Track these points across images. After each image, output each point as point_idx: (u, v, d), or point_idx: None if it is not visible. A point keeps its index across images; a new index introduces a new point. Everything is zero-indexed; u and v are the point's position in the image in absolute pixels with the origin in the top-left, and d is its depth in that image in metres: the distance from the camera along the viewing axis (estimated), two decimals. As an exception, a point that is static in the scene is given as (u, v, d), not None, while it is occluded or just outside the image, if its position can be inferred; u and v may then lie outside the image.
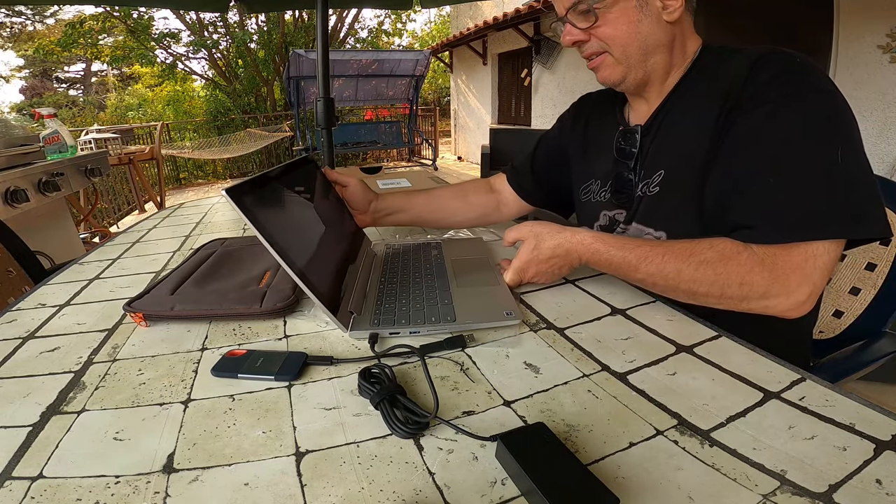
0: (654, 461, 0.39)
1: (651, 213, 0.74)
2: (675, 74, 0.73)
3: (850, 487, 0.35)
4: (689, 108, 0.70)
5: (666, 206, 0.72)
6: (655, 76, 0.72)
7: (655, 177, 0.72)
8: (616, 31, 0.68)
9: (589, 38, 0.70)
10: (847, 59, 2.79)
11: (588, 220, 0.87)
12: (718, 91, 0.65)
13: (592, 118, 0.89)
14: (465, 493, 0.36)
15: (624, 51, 0.69)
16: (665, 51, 0.70)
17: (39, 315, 0.71)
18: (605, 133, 0.83)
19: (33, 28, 13.87)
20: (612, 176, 0.80)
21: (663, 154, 0.72)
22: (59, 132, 2.08)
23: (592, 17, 0.68)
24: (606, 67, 0.72)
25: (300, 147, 6.55)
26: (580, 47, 0.73)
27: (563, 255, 0.68)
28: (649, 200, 0.74)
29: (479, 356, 0.55)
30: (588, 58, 0.73)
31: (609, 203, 0.81)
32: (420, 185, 1.27)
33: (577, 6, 0.69)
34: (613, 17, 0.67)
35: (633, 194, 0.77)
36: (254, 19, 9.58)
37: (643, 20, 0.67)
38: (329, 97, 2.03)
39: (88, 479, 0.39)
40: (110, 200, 4.78)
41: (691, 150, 0.67)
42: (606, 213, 0.82)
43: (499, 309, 0.63)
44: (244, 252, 0.87)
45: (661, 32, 0.69)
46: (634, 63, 0.70)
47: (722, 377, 0.49)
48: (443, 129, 10.06)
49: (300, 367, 0.52)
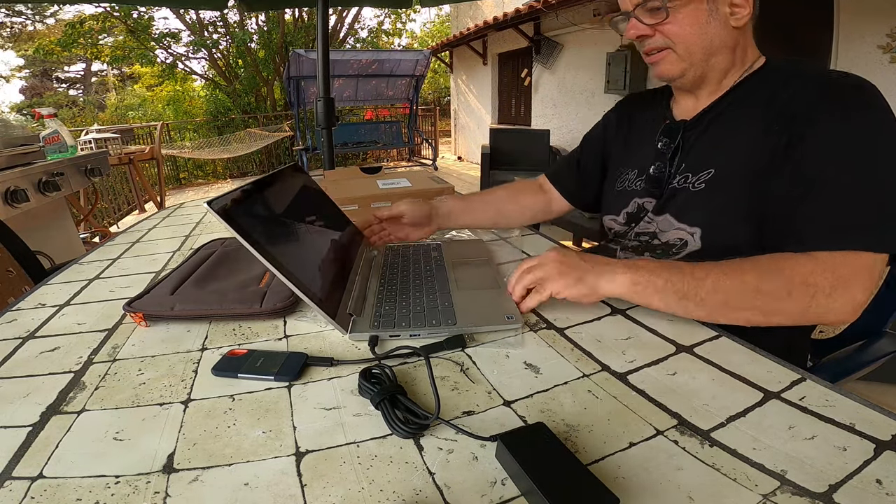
0: (654, 461, 0.39)
1: (689, 208, 0.74)
2: (730, 77, 0.74)
3: (850, 487, 0.35)
4: (749, 116, 0.70)
5: (710, 204, 0.71)
6: (713, 76, 0.74)
7: (703, 174, 0.72)
8: (683, 29, 0.69)
9: (654, 34, 0.71)
10: (847, 59, 2.79)
11: (616, 208, 0.88)
12: (785, 105, 0.65)
13: (637, 113, 0.91)
14: (465, 493, 0.36)
15: (688, 49, 0.71)
16: (727, 53, 0.72)
17: (39, 315, 0.71)
18: (649, 125, 0.85)
19: (33, 28, 13.87)
20: (649, 166, 0.81)
21: (714, 154, 0.73)
22: (59, 132, 2.08)
23: (663, 13, 0.69)
24: (667, 63, 0.73)
25: (300, 147, 6.54)
26: (642, 41, 0.74)
27: (592, 264, 0.61)
28: (690, 196, 0.73)
29: (478, 356, 0.55)
30: (648, 52, 0.74)
31: (642, 191, 0.82)
32: (420, 185, 1.27)
33: (647, 2, 0.69)
34: (682, 16, 0.68)
35: (666, 185, 0.78)
36: (254, 19, 9.59)
37: (711, 22, 0.69)
38: (329, 97, 2.03)
39: (88, 479, 0.39)
40: (110, 200, 4.78)
41: (748, 154, 0.68)
42: (637, 201, 0.83)
43: (499, 312, 0.63)
44: (244, 252, 0.86)
45: (727, 35, 0.70)
46: (696, 62, 0.72)
47: (722, 377, 0.49)
48: (443, 128, 10.06)
49: (300, 368, 0.52)
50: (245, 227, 0.55)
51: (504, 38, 6.33)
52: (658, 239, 0.79)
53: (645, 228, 0.81)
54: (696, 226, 0.73)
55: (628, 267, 0.59)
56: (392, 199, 1.20)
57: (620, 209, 0.87)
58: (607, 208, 0.92)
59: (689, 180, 0.74)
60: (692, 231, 0.73)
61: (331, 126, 2.07)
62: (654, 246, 0.79)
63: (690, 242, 0.74)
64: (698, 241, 0.73)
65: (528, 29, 5.56)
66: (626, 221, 0.86)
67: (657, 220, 0.78)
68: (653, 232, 0.80)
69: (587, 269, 0.60)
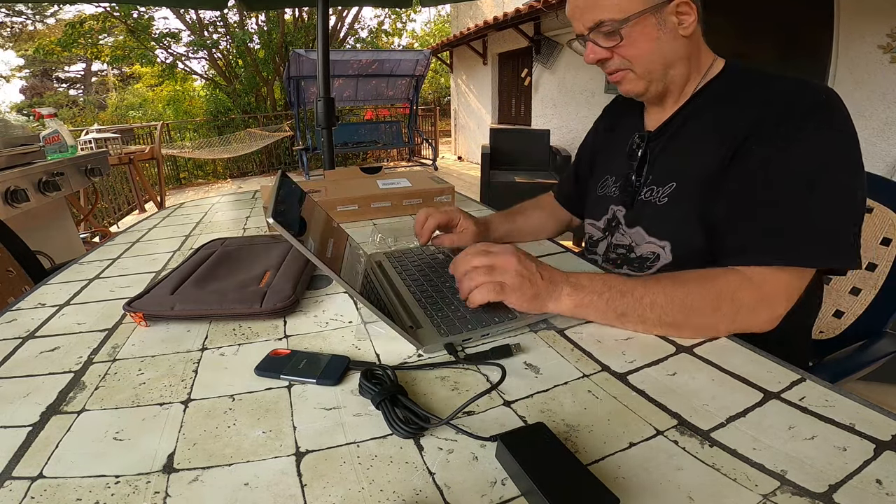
0: (655, 461, 0.39)
1: (657, 222, 0.75)
2: (691, 84, 0.76)
3: (850, 487, 0.35)
4: (705, 127, 0.72)
5: (674, 218, 0.73)
6: (674, 87, 0.76)
7: (667, 188, 0.74)
8: (638, 49, 0.71)
9: (612, 56, 0.73)
10: (847, 59, 2.78)
11: (597, 213, 0.90)
12: (740, 116, 0.66)
13: (619, 120, 0.93)
14: (465, 493, 0.36)
15: (646, 67, 0.72)
16: (683, 63, 0.73)
17: (39, 315, 0.71)
18: (625, 133, 0.86)
19: (34, 28, 13.87)
20: (623, 174, 0.83)
21: (675, 166, 0.74)
22: (59, 132, 2.08)
23: (617, 37, 0.70)
24: (629, 82, 0.75)
25: (300, 147, 6.54)
26: (603, 64, 0.75)
27: (546, 282, 0.58)
28: (657, 210, 0.75)
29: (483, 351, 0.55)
30: (610, 73, 0.76)
31: (616, 199, 0.84)
32: (420, 184, 1.27)
33: (600, 27, 0.70)
34: (635, 37, 0.69)
35: (635, 195, 0.79)
36: (254, 19, 9.59)
37: (662, 37, 0.70)
38: (329, 97, 2.02)
39: (88, 479, 0.39)
40: (110, 200, 4.78)
41: (703, 167, 0.69)
42: (613, 208, 0.85)
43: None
44: (244, 252, 0.87)
45: (679, 46, 0.71)
46: (656, 77, 0.74)
47: (722, 377, 0.49)
48: (443, 128, 10.05)
49: (343, 372, 0.52)
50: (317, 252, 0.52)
51: (504, 38, 6.33)
52: (634, 252, 0.80)
53: (621, 241, 0.83)
54: (665, 239, 0.74)
55: (574, 288, 0.58)
56: (392, 199, 1.20)
57: (601, 215, 0.88)
58: (589, 212, 0.94)
59: (654, 193, 0.76)
60: (662, 244, 0.75)
61: (331, 126, 2.07)
62: (630, 259, 0.81)
63: (662, 255, 0.75)
64: (669, 253, 0.74)
65: (528, 29, 5.56)
66: (604, 228, 0.87)
67: (630, 233, 0.80)
68: (629, 245, 0.81)
69: (542, 287, 0.58)
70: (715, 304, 0.57)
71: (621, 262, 0.83)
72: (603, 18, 0.69)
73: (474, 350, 0.57)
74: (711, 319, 0.57)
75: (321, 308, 0.69)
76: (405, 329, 0.57)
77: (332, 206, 1.15)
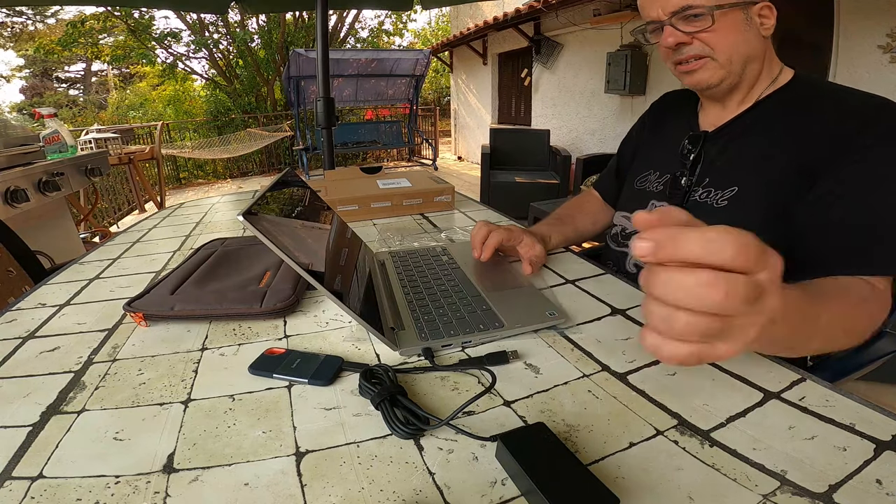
0: (655, 461, 0.39)
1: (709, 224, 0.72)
2: (758, 88, 0.74)
3: (850, 487, 0.35)
4: (776, 135, 0.70)
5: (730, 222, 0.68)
6: (745, 84, 0.74)
7: (727, 192, 0.72)
8: (725, 38, 0.69)
9: (692, 42, 0.70)
10: (847, 59, 2.78)
11: (631, 206, 0.88)
12: (818, 129, 0.65)
13: (670, 113, 0.92)
14: (466, 493, 0.36)
15: (729, 56, 0.70)
16: (759, 62, 0.73)
17: (39, 315, 0.71)
18: (675, 130, 0.85)
19: (34, 28, 13.87)
20: (672, 171, 0.82)
21: (739, 171, 0.72)
22: (59, 132, 2.08)
23: (707, 20, 0.68)
24: (706, 71, 0.72)
25: (300, 147, 6.54)
26: (679, 50, 0.72)
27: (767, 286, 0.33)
28: (711, 212, 0.73)
29: (478, 356, 0.55)
30: (684, 60, 0.73)
31: (659, 194, 0.83)
32: (420, 185, 1.27)
33: (687, 10, 0.69)
34: (724, 25, 0.68)
35: (686, 195, 0.78)
36: (254, 19, 9.59)
37: (748, 31, 0.69)
38: (329, 97, 2.02)
39: (88, 479, 0.39)
40: (110, 200, 4.77)
41: (773, 175, 0.68)
42: (655, 203, 0.84)
43: (541, 310, 0.62)
44: (244, 252, 0.87)
45: (759, 44, 0.71)
46: (735, 70, 0.72)
47: (722, 377, 0.49)
48: (443, 128, 10.05)
49: (335, 372, 0.52)
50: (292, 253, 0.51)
51: (504, 38, 6.33)
52: None
53: None
54: None
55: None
56: (392, 199, 1.20)
57: (635, 209, 0.85)
58: (623, 205, 0.92)
59: (711, 195, 0.74)
60: None
61: (331, 126, 2.07)
62: None
63: None
64: None
65: (528, 29, 5.56)
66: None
67: None
68: None
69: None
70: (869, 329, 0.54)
71: None
72: (691, 3, 0.68)
73: (475, 354, 0.57)
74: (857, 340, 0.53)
75: (321, 308, 0.69)
76: (384, 330, 0.57)
77: (332, 207, 1.15)
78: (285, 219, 0.61)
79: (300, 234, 0.61)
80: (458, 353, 0.56)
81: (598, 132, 4.84)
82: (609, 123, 4.68)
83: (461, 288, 0.70)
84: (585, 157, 3.63)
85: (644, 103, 4.14)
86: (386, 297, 0.69)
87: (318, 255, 0.59)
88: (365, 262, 0.75)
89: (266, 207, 0.57)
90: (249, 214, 0.49)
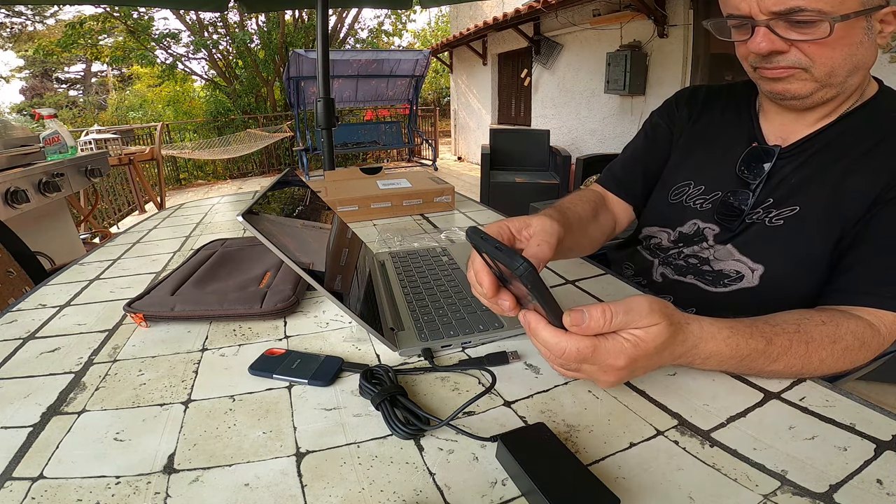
0: (655, 461, 0.39)
1: (760, 244, 0.67)
2: (847, 102, 0.65)
3: (850, 487, 0.35)
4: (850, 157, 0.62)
5: (783, 242, 0.65)
6: (839, 99, 0.64)
7: (785, 210, 0.65)
8: (834, 51, 0.57)
9: (789, 50, 0.59)
10: (847, 59, 2.78)
11: (668, 221, 0.78)
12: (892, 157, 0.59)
13: (710, 116, 0.79)
14: (466, 493, 0.36)
15: (830, 70, 0.59)
16: (863, 74, 0.62)
17: (40, 315, 0.71)
18: (729, 140, 0.74)
19: (33, 28, 13.88)
20: (726, 191, 0.71)
21: (802, 190, 0.65)
22: (59, 133, 2.08)
23: (823, 29, 0.55)
24: (796, 81, 0.61)
25: (300, 147, 6.54)
26: (770, 58, 0.60)
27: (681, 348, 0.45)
28: (763, 230, 0.67)
29: (478, 356, 0.55)
30: (772, 68, 0.61)
31: (706, 215, 0.73)
32: (420, 185, 1.27)
33: (796, 13, 0.55)
34: (842, 35, 0.56)
35: (742, 216, 0.69)
36: (254, 19, 9.59)
37: (864, 42, 0.58)
38: (329, 97, 2.03)
39: (89, 480, 0.39)
40: (110, 201, 4.78)
41: (841, 198, 0.61)
42: (698, 224, 0.74)
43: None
44: (244, 253, 0.87)
45: (871, 55, 0.60)
46: (835, 83, 0.60)
47: (722, 377, 0.49)
48: (443, 129, 10.06)
49: (335, 373, 0.52)
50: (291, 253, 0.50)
51: (504, 39, 6.33)
52: (710, 266, 0.71)
53: (696, 252, 0.74)
54: (760, 262, 0.66)
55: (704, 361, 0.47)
56: (392, 199, 1.20)
57: (675, 225, 0.77)
58: (656, 219, 0.81)
59: (765, 213, 0.67)
60: (754, 267, 0.67)
61: (331, 126, 2.07)
62: (703, 272, 0.72)
63: (748, 277, 0.67)
64: (757, 278, 0.66)
65: (528, 29, 5.56)
66: (677, 240, 0.77)
67: (717, 249, 0.71)
68: (705, 258, 0.73)
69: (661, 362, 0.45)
70: (852, 366, 0.52)
71: (688, 271, 0.74)
72: (804, 6, 0.54)
73: (475, 354, 0.57)
74: (838, 368, 0.52)
75: (321, 308, 0.69)
76: (384, 331, 0.57)
77: (332, 207, 1.15)
78: (285, 219, 0.61)
79: (300, 235, 0.61)
80: (458, 353, 0.56)
81: (598, 132, 4.84)
82: (609, 123, 4.68)
83: (461, 288, 0.70)
84: (585, 158, 3.64)
85: (644, 103, 4.14)
86: (386, 297, 0.69)
87: (318, 255, 0.59)
88: (365, 262, 0.75)
89: (266, 208, 0.57)
90: (249, 215, 0.49)
